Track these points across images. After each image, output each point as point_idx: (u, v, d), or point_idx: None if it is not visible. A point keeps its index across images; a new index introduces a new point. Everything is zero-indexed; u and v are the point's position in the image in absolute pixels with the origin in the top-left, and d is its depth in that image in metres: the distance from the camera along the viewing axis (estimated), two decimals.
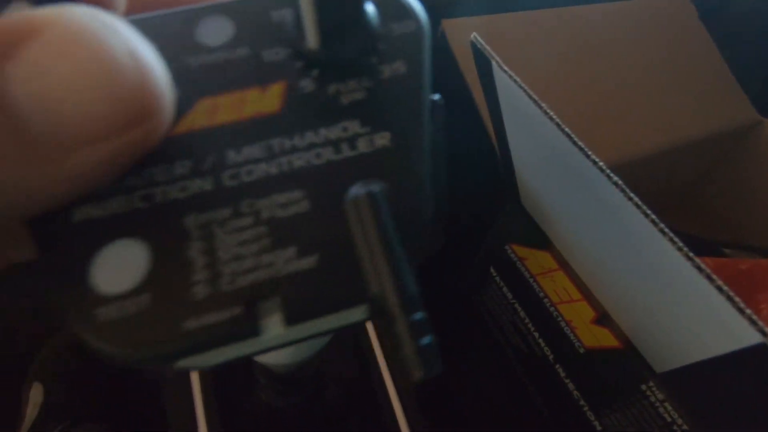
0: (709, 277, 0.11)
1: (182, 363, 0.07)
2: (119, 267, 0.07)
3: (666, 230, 0.12)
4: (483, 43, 0.17)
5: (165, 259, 0.07)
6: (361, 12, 0.08)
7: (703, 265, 0.11)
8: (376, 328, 0.36)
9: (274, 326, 0.07)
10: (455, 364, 0.40)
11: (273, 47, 0.08)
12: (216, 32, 0.09)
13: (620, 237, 0.15)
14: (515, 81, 0.15)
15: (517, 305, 0.34)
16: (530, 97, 0.15)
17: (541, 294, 0.31)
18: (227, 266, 0.07)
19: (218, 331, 0.07)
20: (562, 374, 0.32)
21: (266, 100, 0.08)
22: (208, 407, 0.30)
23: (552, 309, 0.30)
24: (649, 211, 0.12)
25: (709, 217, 0.48)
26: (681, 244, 0.12)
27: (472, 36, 0.17)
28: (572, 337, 0.29)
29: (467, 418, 0.37)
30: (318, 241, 0.07)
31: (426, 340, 0.07)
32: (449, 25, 0.34)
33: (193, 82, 0.08)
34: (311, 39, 0.08)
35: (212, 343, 0.07)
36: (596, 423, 0.30)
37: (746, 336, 0.12)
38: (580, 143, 0.14)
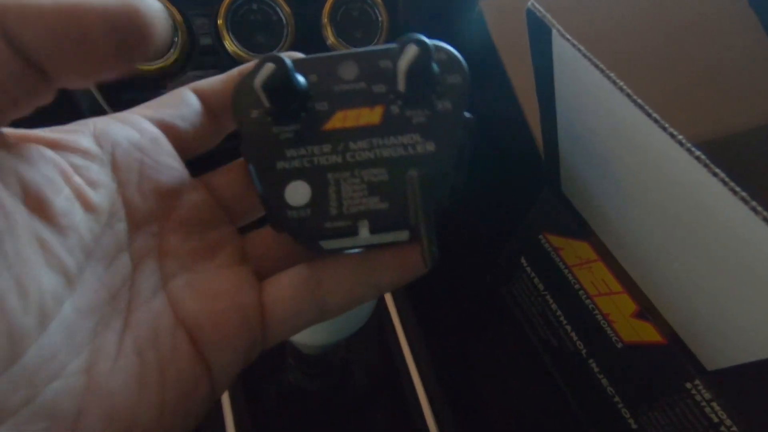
0: None
1: (323, 245, 0.14)
2: (297, 193, 0.14)
3: (759, 208, 0.11)
4: (542, 10, 0.16)
5: (318, 193, 0.14)
6: (431, 73, 0.14)
7: None
8: (401, 320, 0.35)
9: (363, 232, 0.14)
10: (480, 352, 0.39)
11: (378, 83, 0.14)
12: (348, 71, 0.15)
13: (696, 218, 0.14)
14: (579, 50, 0.14)
15: (548, 297, 0.33)
16: (597, 66, 0.14)
17: (577, 286, 0.29)
18: (345, 201, 0.14)
19: (340, 230, 0.14)
20: (596, 369, 0.31)
21: (372, 115, 0.14)
22: (233, 389, 0.30)
23: (588, 301, 0.29)
24: (738, 188, 0.11)
25: None
26: None
27: (529, 3, 0.16)
28: (609, 331, 0.28)
29: (492, 407, 0.36)
30: (390, 196, 0.14)
31: (434, 249, 0.13)
32: (487, 5, 0.33)
33: (335, 100, 0.14)
34: (401, 85, 0.14)
35: (336, 234, 0.14)
36: (631, 421, 0.29)
37: None
38: (654, 115, 0.13)
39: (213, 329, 0.13)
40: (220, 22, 0.28)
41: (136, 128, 0.14)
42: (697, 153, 0.12)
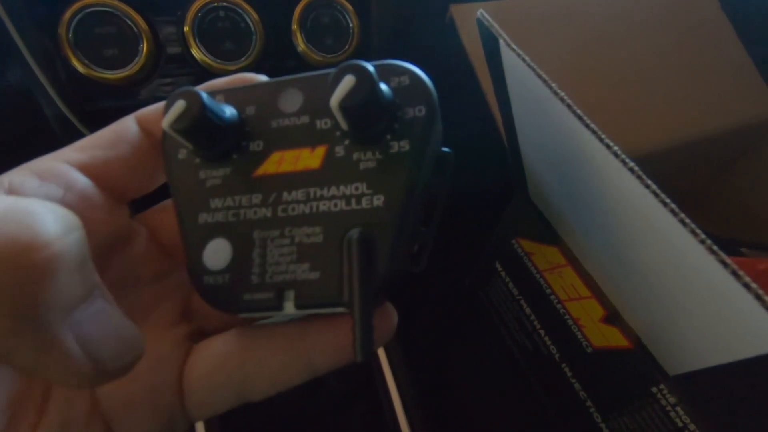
0: (734, 273, 0.10)
1: (241, 315, 0.12)
2: (217, 254, 0.12)
3: (687, 221, 0.11)
4: (490, 20, 0.16)
5: (240, 255, 0.12)
6: (379, 108, 0.11)
7: (728, 260, 0.10)
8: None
9: (288, 307, 0.11)
10: (457, 359, 0.39)
11: (323, 118, 0.12)
12: (291, 102, 0.12)
13: (636, 229, 0.14)
14: (524, 59, 0.14)
15: (522, 301, 0.33)
16: (539, 76, 0.14)
17: (548, 290, 0.29)
18: (270, 267, 0.12)
19: (260, 304, 0.12)
20: (569, 374, 0.31)
21: (313, 158, 0.12)
22: None
23: (559, 306, 0.29)
24: (668, 200, 0.11)
25: (728, 215, 0.47)
26: (703, 236, 0.11)
27: (478, 12, 0.16)
28: (579, 336, 0.28)
29: (469, 415, 0.36)
30: (323, 263, 0.11)
31: (367, 338, 0.10)
32: (458, 10, 0.33)
33: (272, 138, 0.12)
34: (340, 122, 0.11)
35: (256, 309, 0.12)
36: (603, 425, 0.29)
37: None
38: (593, 126, 0.13)
39: (125, 416, 0.12)
40: (186, 29, 0.28)
41: (60, 183, 0.12)
42: (631, 164, 0.12)
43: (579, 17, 0.36)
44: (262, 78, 0.14)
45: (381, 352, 0.34)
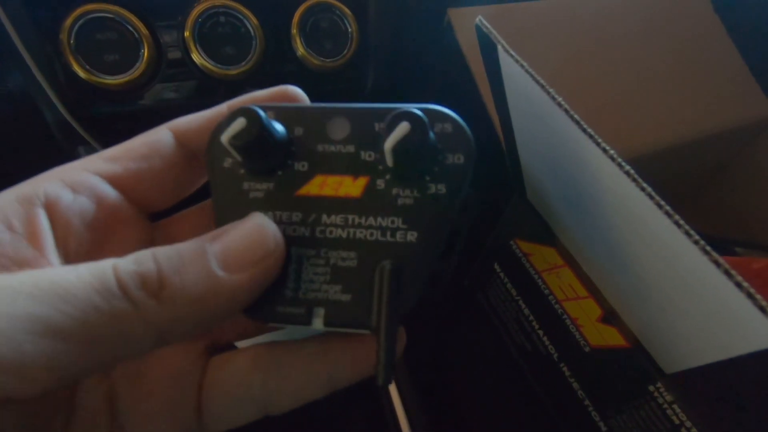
0: (727, 273, 0.10)
1: (269, 324, 0.13)
2: None
3: (681, 222, 0.11)
4: (488, 26, 0.16)
5: None
6: (425, 151, 0.12)
7: (721, 260, 0.11)
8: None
9: (317, 323, 0.12)
10: (457, 360, 0.39)
11: (368, 150, 0.13)
12: (339, 129, 0.13)
13: (631, 230, 0.14)
14: (522, 65, 0.15)
15: (521, 302, 0.34)
16: (537, 82, 0.14)
17: (546, 291, 0.30)
18: (304, 284, 0.12)
19: (291, 317, 0.12)
20: (567, 373, 0.31)
21: (354, 187, 0.13)
22: None
23: (557, 306, 0.29)
24: (663, 202, 0.11)
25: (720, 215, 0.47)
26: (697, 237, 0.11)
27: (477, 19, 0.17)
28: (578, 336, 0.28)
29: (468, 415, 0.36)
30: (354, 287, 0.12)
31: (391, 361, 0.11)
32: (456, 14, 0.33)
33: (317, 161, 0.13)
34: (388, 161, 0.12)
35: (286, 321, 0.12)
36: (601, 424, 0.30)
37: (766, 337, 0.11)
38: (589, 130, 0.13)
39: (144, 429, 0.13)
40: (187, 34, 0.28)
41: (92, 197, 0.13)
42: (627, 168, 0.12)
43: (574, 22, 0.37)
44: (300, 92, 0.15)
45: None
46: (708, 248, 0.11)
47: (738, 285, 0.10)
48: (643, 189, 0.12)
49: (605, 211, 0.16)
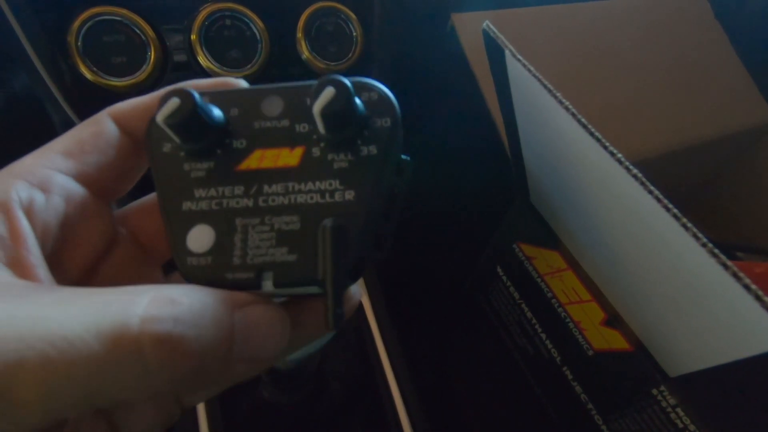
0: (735, 275, 0.10)
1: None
2: (200, 238, 0.13)
3: (689, 225, 0.11)
4: (496, 31, 0.16)
5: (222, 239, 0.13)
6: (353, 116, 0.13)
7: (729, 263, 0.11)
8: (380, 329, 0.35)
9: (267, 286, 0.13)
10: (458, 362, 0.39)
11: (302, 123, 0.13)
12: (272, 107, 0.14)
13: (637, 233, 0.14)
14: (529, 70, 0.15)
15: (524, 305, 0.34)
16: (544, 86, 0.14)
17: (549, 294, 0.30)
18: (251, 250, 0.13)
19: (240, 282, 0.13)
20: (570, 377, 0.31)
21: (291, 157, 0.13)
22: (209, 404, 0.30)
23: (560, 310, 0.29)
24: (670, 205, 0.12)
25: (722, 220, 0.47)
26: (705, 240, 0.11)
27: (484, 24, 0.17)
28: (581, 339, 0.28)
29: (470, 417, 0.36)
30: (299, 247, 0.13)
31: (339, 311, 0.12)
32: (459, 19, 0.34)
33: (254, 138, 0.13)
34: (320, 128, 0.13)
35: (237, 287, 0.12)
36: (604, 428, 0.30)
37: None
38: (596, 134, 0.13)
39: (127, 414, 0.13)
40: (193, 37, 0.28)
41: (62, 194, 0.13)
42: (634, 171, 0.12)
43: (576, 27, 0.37)
44: (243, 83, 0.15)
45: (383, 356, 0.34)
46: (716, 251, 0.11)
47: (746, 287, 0.10)
48: (650, 192, 0.12)
49: (610, 214, 0.16)
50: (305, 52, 0.31)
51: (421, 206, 0.39)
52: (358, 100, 0.13)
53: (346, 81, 0.12)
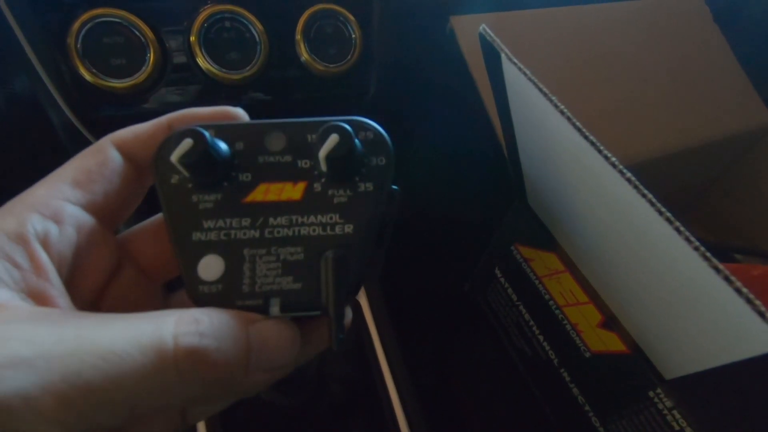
0: (727, 279, 0.11)
1: None
2: (211, 267, 0.14)
3: (682, 229, 0.11)
4: (492, 34, 0.16)
5: (231, 269, 0.14)
6: (353, 157, 0.14)
7: (721, 266, 0.11)
8: (378, 330, 0.35)
9: (274, 311, 0.14)
10: (457, 364, 0.39)
11: (304, 158, 0.14)
12: (276, 142, 0.14)
13: (632, 236, 0.14)
14: (525, 73, 0.15)
15: (521, 307, 0.34)
16: (540, 89, 0.14)
17: (547, 296, 0.30)
18: (259, 279, 0.14)
19: (250, 308, 0.13)
20: (567, 379, 0.31)
21: (295, 191, 0.14)
22: None
23: (557, 312, 0.29)
24: (663, 209, 0.12)
25: (721, 222, 0.48)
26: (697, 244, 0.11)
27: (480, 27, 0.17)
28: (578, 341, 0.29)
29: (468, 419, 0.36)
30: (304, 276, 0.14)
31: (341, 333, 0.13)
32: (458, 21, 0.34)
33: (259, 172, 0.14)
34: (323, 167, 0.14)
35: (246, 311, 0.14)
36: (601, 429, 0.30)
37: (765, 342, 0.11)
38: (591, 137, 0.13)
39: (134, 425, 0.13)
40: (192, 39, 0.28)
41: (73, 225, 0.13)
42: (628, 174, 0.12)
43: (575, 30, 0.37)
44: (240, 111, 0.16)
45: (382, 357, 0.34)
46: (708, 254, 0.11)
47: (737, 291, 0.10)
48: (644, 196, 0.12)
49: (605, 217, 0.16)
50: (304, 54, 0.31)
51: (420, 208, 0.39)
52: (356, 141, 0.14)
53: (349, 128, 0.13)
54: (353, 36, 0.32)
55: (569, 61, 0.36)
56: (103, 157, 0.14)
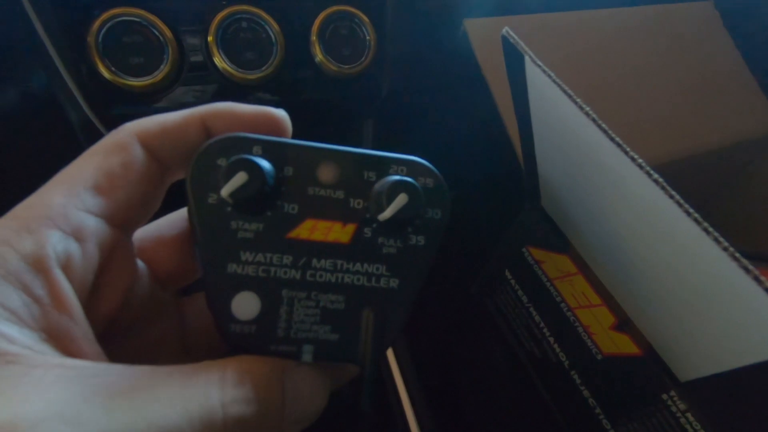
0: (757, 279, 0.11)
1: None
2: (246, 306, 0.13)
3: (710, 229, 0.11)
4: (516, 37, 0.17)
5: (268, 310, 0.13)
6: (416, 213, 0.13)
7: (751, 267, 0.11)
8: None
9: (306, 357, 0.13)
10: (465, 365, 0.39)
11: (357, 197, 0.13)
12: (329, 174, 0.13)
13: (655, 237, 0.15)
14: (549, 76, 0.15)
15: (532, 309, 0.34)
16: (565, 92, 0.15)
17: (558, 298, 0.30)
18: (296, 324, 0.13)
19: (282, 353, 0.13)
20: (578, 381, 0.31)
21: (343, 233, 0.13)
22: None
23: (569, 314, 0.29)
24: (691, 210, 0.12)
25: (730, 228, 0.48)
26: (726, 244, 0.11)
27: (504, 30, 0.17)
28: (590, 343, 0.29)
29: (476, 421, 0.36)
30: (342, 328, 0.13)
31: (371, 394, 0.14)
32: (471, 24, 0.34)
33: (307, 204, 0.13)
34: (385, 216, 0.13)
35: (278, 356, 0.13)
36: None
37: None
38: (617, 139, 0.13)
39: None
40: (210, 39, 0.29)
41: (94, 241, 0.12)
42: (655, 176, 0.13)
43: (586, 33, 0.37)
44: (284, 115, 0.14)
45: (392, 359, 0.34)
46: (737, 255, 0.11)
47: (767, 290, 0.11)
48: (671, 197, 0.12)
49: (627, 218, 0.16)
50: (319, 55, 0.31)
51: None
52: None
53: (419, 188, 0.13)
54: (367, 38, 0.32)
55: (578, 65, 0.36)
56: (128, 157, 0.13)
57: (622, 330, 0.25)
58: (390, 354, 0.35)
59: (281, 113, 0.14)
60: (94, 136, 0.29)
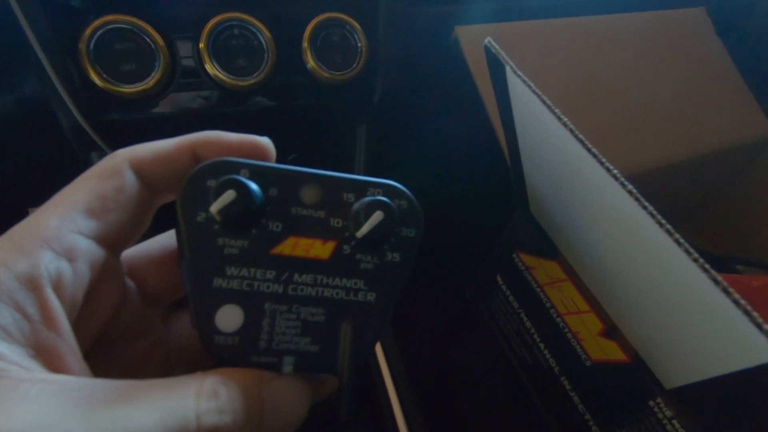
0: (725, 290, 0.11)
1: None
2: (229, 318, 0.13)
3: (681, 241, 0.12)
4: (497, 47, 0.17)
5: (250, 322, 0.13)
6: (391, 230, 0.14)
7: (719, 278, 0.11)
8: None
9: (287, 368, 0.14)
10: (458, 371, 0.39)
11: (336, 217, 0.14)
12: (311, 195, 0.14)
13: (632, 247, 0.15)
14: (529, 86, 0.15)
15: (523, 315, 0.34)
16: (544, 102, 0.15)
17: (548, 304, 0.30)
18: (277, 336, 0.14)
19: (263, 365, 0.13)
20: (568, 387, 0.31)
21: (323, 250, 0.14)
22: None
23: (558, 320, 0.30)
24: (663, 221, 0.12)
25: (723, 233, 0.48)
26: (696, 255, 0.11)
27: (486, 40, 0.17)
28: (579, 349, 0.29)
29: (468, 426, 0.36)
30: (322, 340, 0.14)
31: (350, 406, 0.14)
32: (462, 31, 0.34)
33: (290, 223, 0.14)
34: (362, 233, 0.14)
35: (259, 367, 0.13)
36: None
37: (763, 352, 0.11)
38: (593, 150, 0.14)
39: None
40: (201, 45, 0.29)
41: (86, 262, 0.13)
42: (629, 187, 0.13)
43: (578, 41, 0.37)
44: (268, 142, 0.15)
45: (383, 363, 0.34)
46: (707, 266, 0.11)
47: (736, 302, 0.11)
48: (645, 208, 0.12)
49: (606, 227, 0.16)
50: (311, 62, 0.32)
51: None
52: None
53: (393, 206, 0.14)
54: (359, 44, 0.33)
55: (571, 71, 0.36)
56: (120, 182, 0.13)
57: (609, 337, 0.25)
58: (381, 359, 0.35)
59: (265, 140, 0.15)
60: (86, 143, 0.29)
